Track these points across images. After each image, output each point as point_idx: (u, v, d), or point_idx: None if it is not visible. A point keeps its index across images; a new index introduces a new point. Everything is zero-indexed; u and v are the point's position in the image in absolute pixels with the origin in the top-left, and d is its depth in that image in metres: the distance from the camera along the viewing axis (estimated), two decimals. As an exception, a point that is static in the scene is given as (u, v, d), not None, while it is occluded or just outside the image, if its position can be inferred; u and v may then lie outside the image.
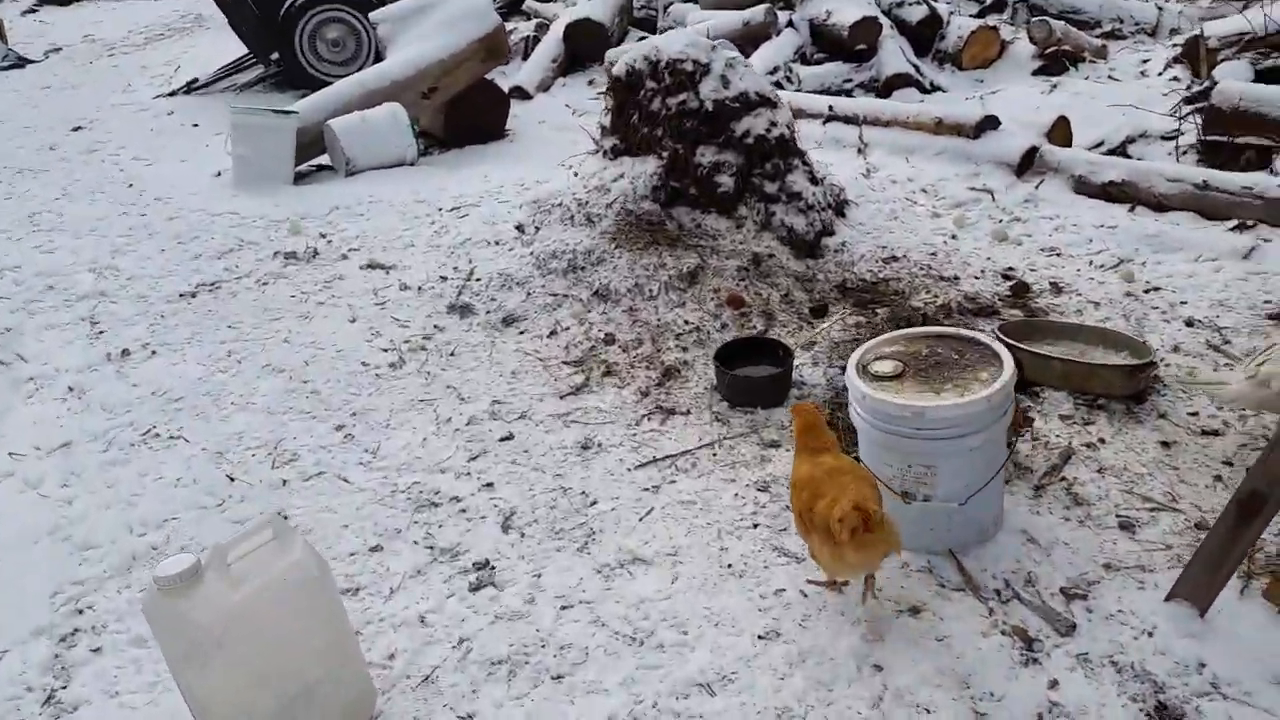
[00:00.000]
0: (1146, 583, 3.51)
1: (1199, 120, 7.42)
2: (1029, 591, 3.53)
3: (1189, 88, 8.24)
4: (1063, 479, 4.10)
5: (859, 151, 7.73)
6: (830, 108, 8.13)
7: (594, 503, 4.20)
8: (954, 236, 6.45)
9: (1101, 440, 4.32)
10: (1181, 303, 5.44)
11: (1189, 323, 5.22)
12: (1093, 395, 4.60)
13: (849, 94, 9.72)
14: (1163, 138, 7.71)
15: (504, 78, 10.95)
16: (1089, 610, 3.42)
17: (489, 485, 4.37)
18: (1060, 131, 7.42)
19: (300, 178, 8.69)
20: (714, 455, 4.44)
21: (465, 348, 5.58)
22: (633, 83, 6.28)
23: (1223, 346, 4.97)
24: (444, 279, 6.34)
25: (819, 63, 10.32)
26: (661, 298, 5.65)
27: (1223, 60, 7.91)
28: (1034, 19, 9.81)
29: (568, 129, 9.69)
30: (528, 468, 4.48)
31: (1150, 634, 3.28)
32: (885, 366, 3.69)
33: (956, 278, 5.89)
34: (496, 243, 6.63)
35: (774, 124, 6.10)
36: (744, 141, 6.04)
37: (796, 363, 4.96)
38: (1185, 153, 7.44)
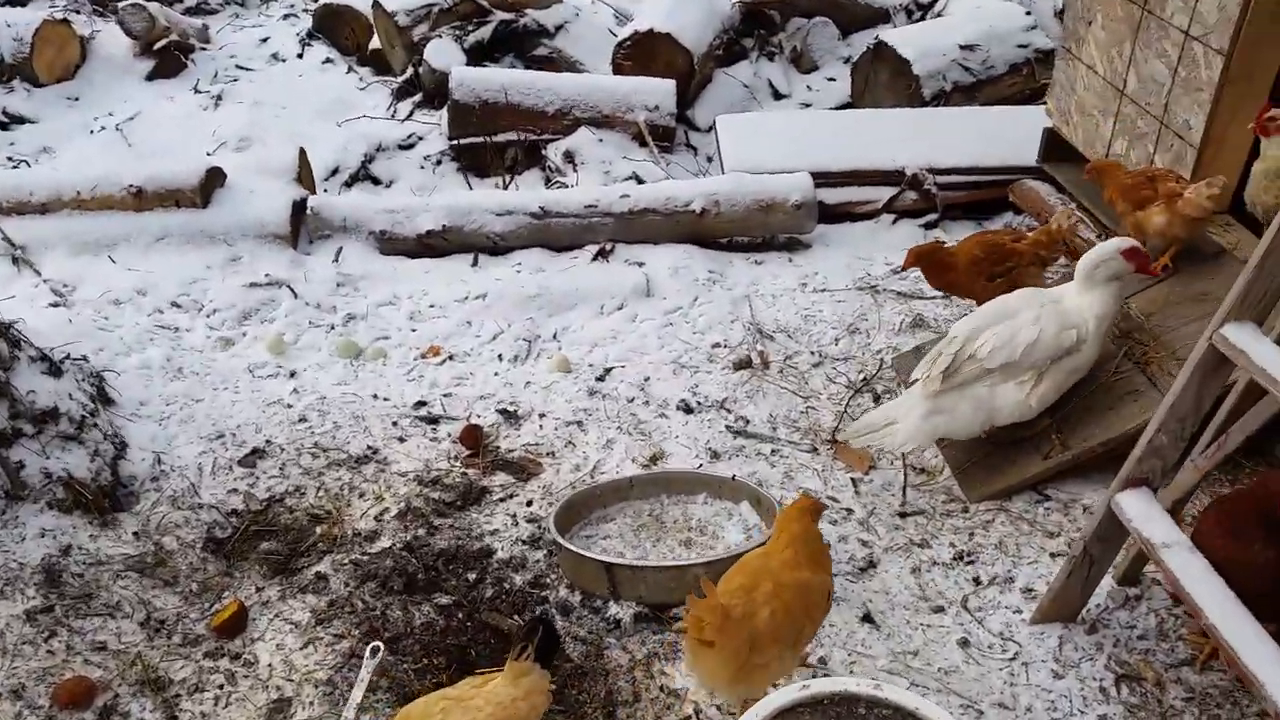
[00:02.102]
0: None
1: (442, 120, 6.11)
2: None
3: (402, 76, 6.75)
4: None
5: (15, 262, 4.58)
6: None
7: None
8: (293, 374, 4.15)
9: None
10: (645, 379, 4.21)
11: (687, 409, 4.03)
12: (743, 589, 3.15)
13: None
14: (401, 147, 6.20)
15: None
16: None
17: None
18: (305, 170, 5.38)
19: None
20: None
21: None
22: None
23: (747, 429, 3.91)
24: None
25: None
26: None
27: (421, 40, 6.60)
28: (125, 4, 7.12)
29: None
30: None
31: None
32: None
33: (374, 451, 3.72)
34: None
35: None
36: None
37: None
38: (439, 162, 6.09)
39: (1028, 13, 6.46)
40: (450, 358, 4.32)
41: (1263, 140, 3.89)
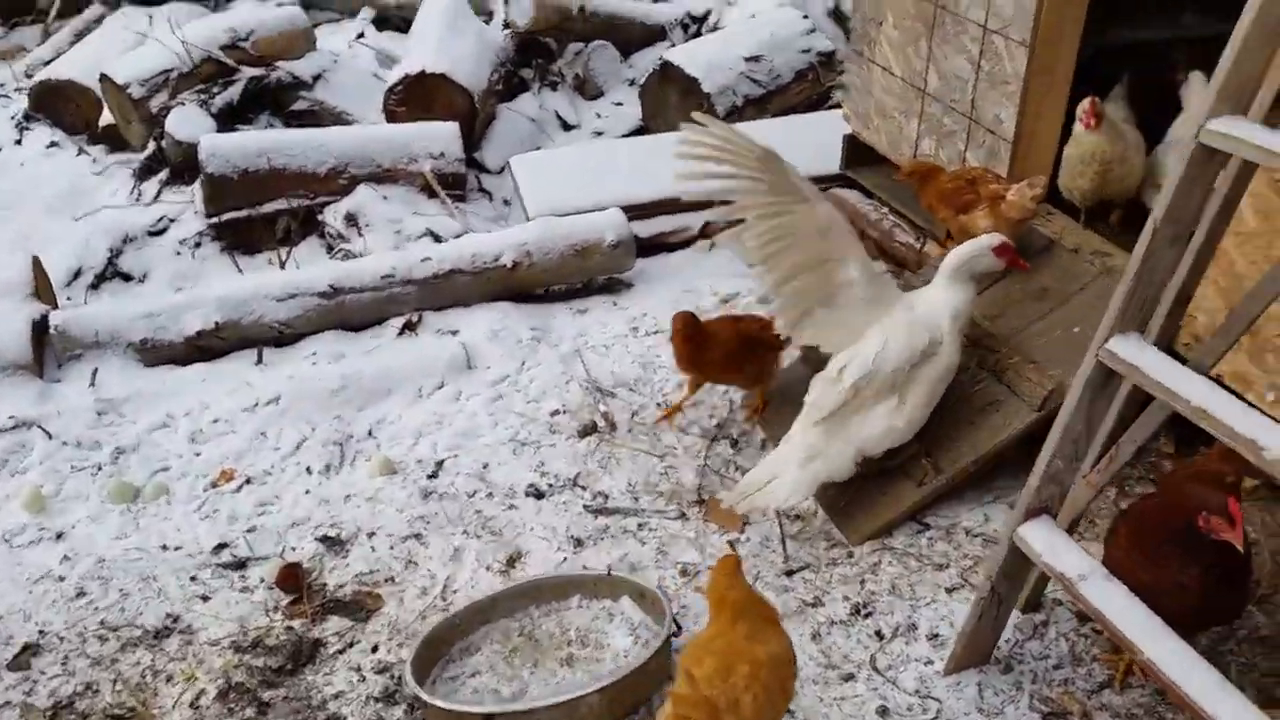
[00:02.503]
0: None
1: (196, 196, 5.40)
2: None
3: (143, 152, 5.93)
4: None
5: None
6: None
7: None
8: (60, 536, 3.44)
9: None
10: (484, 466, 3.76)
11: (538, 493, 3.61)
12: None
13: None
14: (151, 233, 5.44)
15: None
16: None
17: None
18: (42, 281, 4.57)
19: None
20: None
21: None
22: None
23: (607, 505, 3.53)
24: None
25: None
26: None
27: (161, 110, 5.79)
28: None
29: None
30: None
31: None
32: None
33: (175, 619, 3.08)
34: None
35: None
36: None
37: None
38: (199, 244, 5.38)
39: (805, 16, 6.41)
40: (248, 481, 3.70)
41: (1079, 128, 3.88)
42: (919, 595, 3.15)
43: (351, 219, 5.27)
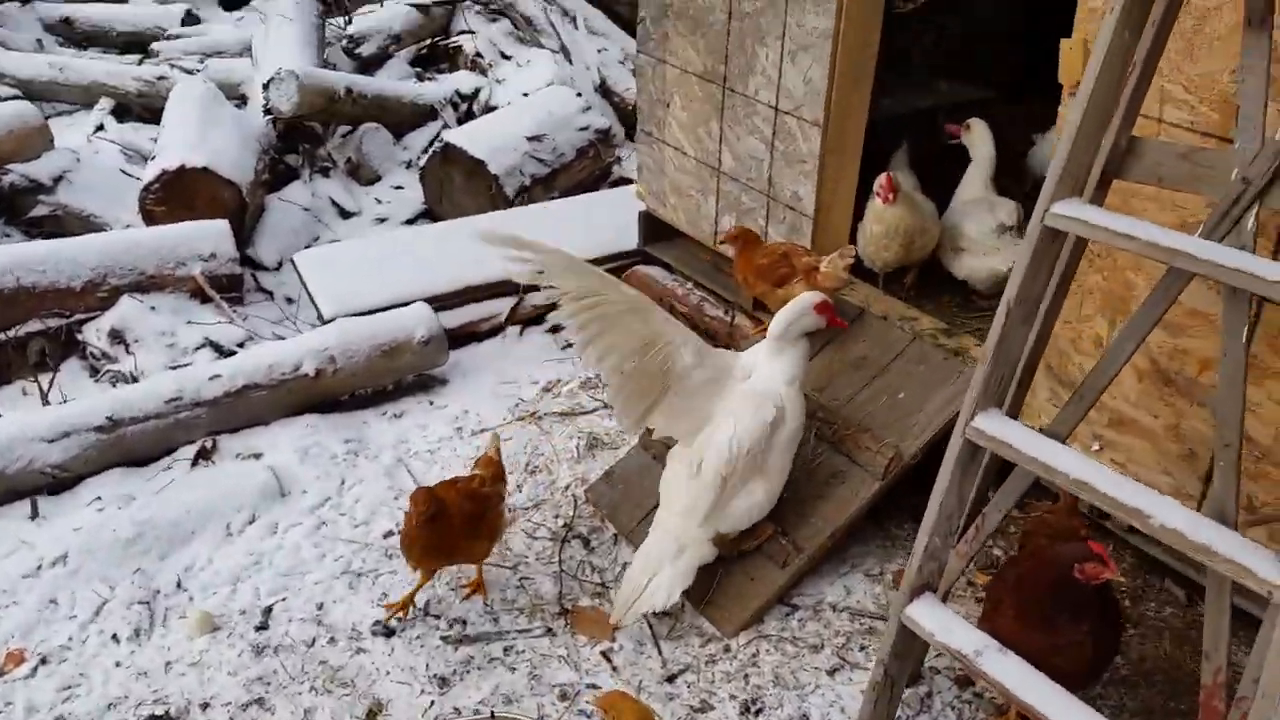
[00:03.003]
0: None
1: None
2: None
3: None
4: None
5: None
6: None
7: None
8: None
9: None
10: (319, 607, 3.39)
11: (387, 631, 3.29)
12: None
13: None
14: None
15: None
16: None
17: None
18: None
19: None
20: None
21: None
22: None
23: (466, 633, 3.28)
24: None
25: None
26: None
27: None
28: None
29: None
30: None
31: None
32: None
33: None
34: None
35: None
36: None
37: None
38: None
39: (579, 94, 6.44)
40: (43, 661, 3.15)
41: (880, 204, 4.07)
42: (803, 683, 3.13)
43: (117, 335, 4.72)
